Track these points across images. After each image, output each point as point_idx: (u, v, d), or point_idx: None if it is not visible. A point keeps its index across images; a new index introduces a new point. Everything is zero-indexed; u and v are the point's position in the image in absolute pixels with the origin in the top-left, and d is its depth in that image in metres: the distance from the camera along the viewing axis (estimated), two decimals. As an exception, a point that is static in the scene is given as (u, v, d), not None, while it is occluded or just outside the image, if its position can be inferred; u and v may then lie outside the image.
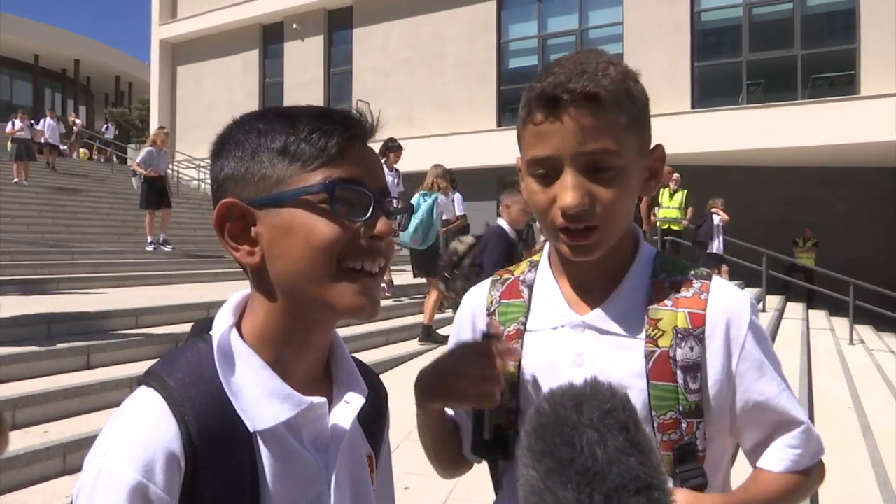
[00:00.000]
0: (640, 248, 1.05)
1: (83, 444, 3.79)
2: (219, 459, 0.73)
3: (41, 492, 3.47)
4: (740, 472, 1.06)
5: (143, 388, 0.76)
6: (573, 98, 0.90)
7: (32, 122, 17.46)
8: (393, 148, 7.79)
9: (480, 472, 1.20)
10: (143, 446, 0.70)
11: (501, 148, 15.78)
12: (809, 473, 1.01)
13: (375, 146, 0.85)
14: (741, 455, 1.08)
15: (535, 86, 0.95)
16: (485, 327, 1.11)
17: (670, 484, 0.86)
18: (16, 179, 14.67)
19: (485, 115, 17.78)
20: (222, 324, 0.81)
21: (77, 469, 3.65)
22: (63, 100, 40.60)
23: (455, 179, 8.18)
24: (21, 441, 3.71)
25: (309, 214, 0.76)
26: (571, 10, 17.44)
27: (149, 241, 11.03)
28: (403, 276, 9.01)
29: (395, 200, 0.84)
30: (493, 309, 1.11)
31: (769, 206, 14.76)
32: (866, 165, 14.36)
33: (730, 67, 15.60)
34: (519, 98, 1.00)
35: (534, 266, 1.12)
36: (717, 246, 11.67)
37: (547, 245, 1.11)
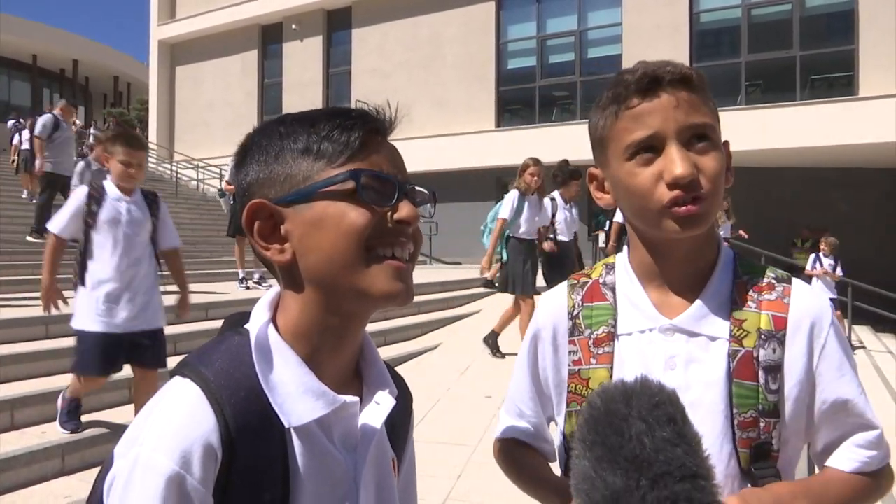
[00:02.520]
0: (722, 250, 1.07)
1: (81, 444, 3.79)
2: (254, 452, 0.73)
3: (39, 492, 3.46)
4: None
5: (178, 378, 0.76)
6: (673, 77, 0.96)
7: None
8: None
9: (479, 471, 1.20)
10: (181, 437, 0.70)
11: (500, 148, 15.82)
12: (878, 477, 1.02)
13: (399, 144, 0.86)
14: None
15: (626, 77, 0.98)
16: (567, 333, 1.10)
17: (718, 478, 0.88)
18: (25, 194, 12.96)
19: (484, 115, 17.78)
20: (259, 319, 0.82)
21: (75, 470, 3.68)
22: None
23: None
24: (19, 441, 3.71)
25: (337, 203, 0.78)
26: (570, 10, 17.45)
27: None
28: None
29: (418, 189, 0.85)
30: (576, 312, 1.10)
31: (767, 206, 14.77)
32: (865, 166, 14.37)
33: (729, 68, 15.61)
34: (518, 99, 1.01)
35: (610, 269, 1.12)
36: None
37: (624, 249, 1.12)
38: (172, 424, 0.71)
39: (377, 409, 0.85)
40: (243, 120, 22.38)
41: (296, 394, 0.77)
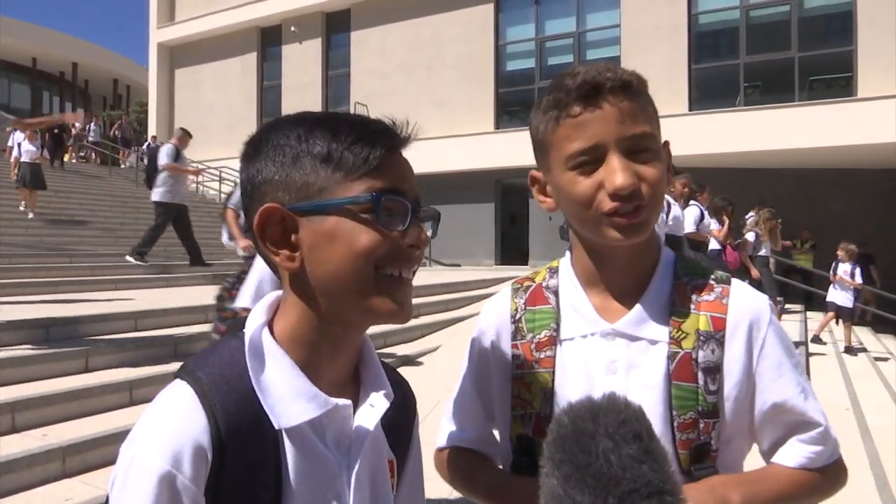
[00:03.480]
0: (662, 252, 1.07)
1: (82, 447, 3.79)
2: (245, 453, 0.76)
3: (41, 495, 3.46)
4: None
5: (177, 381, 0.79)
6: (613, 85, 0.95)
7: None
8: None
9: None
10: (172, 437, 0.73)
11: (500, 150, 15.82)
12: (824, 473, 1.01)
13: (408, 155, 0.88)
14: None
15: (567, 83, 0.97)
16: (510, 337, 1.09)
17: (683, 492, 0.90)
18: (22, 207, 12.34)
19: (483, 117, 17.78)
20: (255, 322, 0.84)
21: (76, 472, 3.68)
22: (61, 103, 40.56)
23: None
24: (20, 444, 3.71)
25: (352, 223, 0.78)
26: (569, 12, 17.47)
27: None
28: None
29: (426, 208, 0.86)
30: (518, 316, 1.10)
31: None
32: (864, 167, 14.38)
33: (727, 69, 15.63)
34: (517, 100, 1.02)
35: (554, 273, 1.12)
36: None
37: (567, 253, 1.12)
38: (165, 425, 0.75)
39: (371, 411, 0.86)
40: (242, 122, 22.37)
41: (287, 396, 0.79)
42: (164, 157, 9.57)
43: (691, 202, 7.07)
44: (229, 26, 22.29)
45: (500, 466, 1.13)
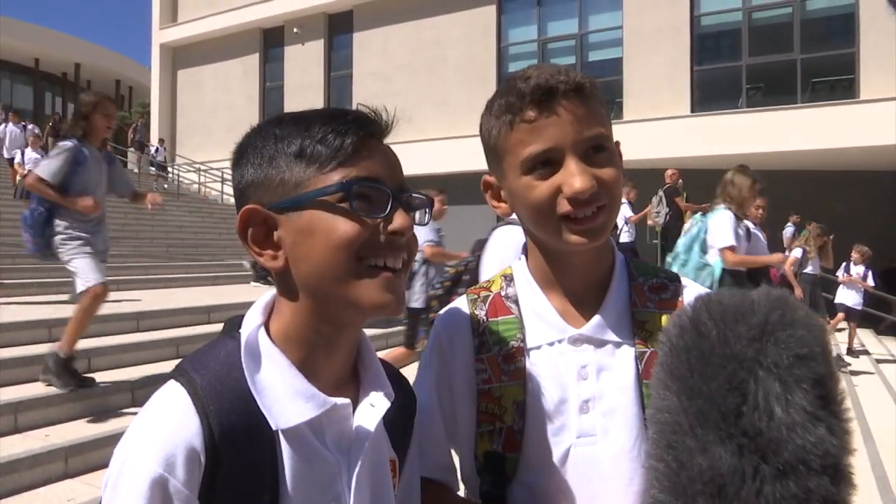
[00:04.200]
0: (616, 254, 1.07)
1: (84, 447, 3.80)
2: (240, 456, 0.75)
3: (43, 496, 3.47)
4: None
5: (171, 382, 0.78)
6: (567, 88, 0.93)
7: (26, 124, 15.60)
8: None
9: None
10: (165, 441, 0.72)
11: (501, 151, 15.79)
12: None
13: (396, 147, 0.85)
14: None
15: (520, 86, 0.95)
16: (474, 350, 1.04)
17: (637, 481, 0.90)
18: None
19: (485, 118, 17.72)
20: (251, 323, 0.83)
21: (78, 473, 3.69)
22: (63, 103, 40.58)
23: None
24: (22, 445, 3.72)
25: (328, 215, 0.78)
26: (571, 14, 17.46)
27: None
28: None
29: (414, 195, 0.85)
30: (482, 329, 1.06)
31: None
32: (866, 169, 14.36)
33: (729, 71, 15.61)
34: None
35: (510, 280, 1.10)
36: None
37: (522, 259, 1.10)
38: (157, 428, 0.73)
39: (372, 411, 0.85)
40: (244, 123, 22.10)
41: (284, 397, 0.78)
42: None
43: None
44: (232, 27, 22.30)
45: (462, 492, 1.08)
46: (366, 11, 19.96)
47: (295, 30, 21.28)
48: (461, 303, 1.11)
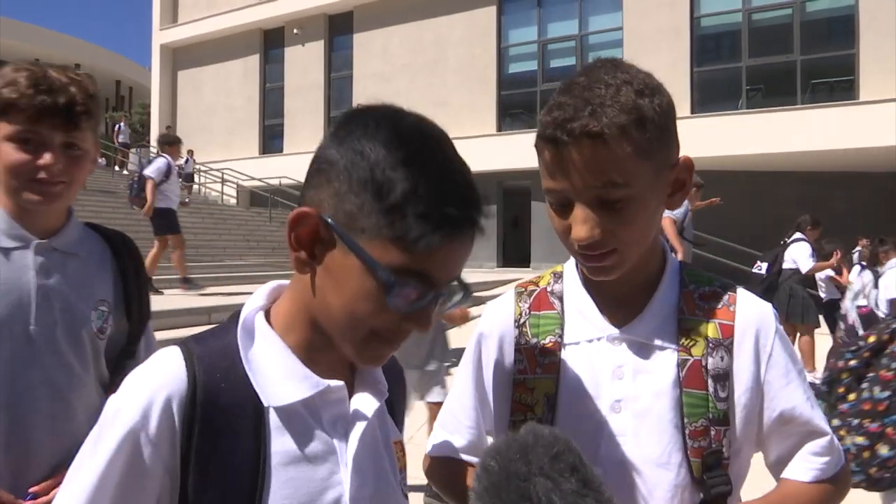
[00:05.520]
0: (668, 260, 1.07)
1: (83, 448, 3.79)
2: (223, 425, 0.77)
3: (41, 496, 3.46)
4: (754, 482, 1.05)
5: (171, 346, 0.82)
6: (573, 139, 0.89)
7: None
8: None
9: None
10: (149, 393, 0.76)
11: (502, 152, 15.81)
12: (835, 481, 1.01)
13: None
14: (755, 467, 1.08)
15: (545, 119, 0.93)
16: (514, 341, 1.08)
17: (667, 488, 0.92)
18: None
19: (485, 119, 17.80)
20: (252, 304, 0.86)
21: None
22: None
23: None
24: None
25: (365, 286, 0.75)
26: (571, 15, 17.48)
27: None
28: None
29: (453, 285, 0.82)
30: (523, 321, 1.09)
31: (768, 210, 14.76)
32: (866, 170, 14.37)
33: (729, 72, 15.63)
34: (519, 103, 1.01)
35: (558, 277, 1.11)
36: None
37: (571, 259, 1.11)
38: (146, 381, 0.78)
39: (369, 398, 0.87)
40: (244, 124, 22.42)
41: (278, 376, 0.81)
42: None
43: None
44: (232, 28, 22.33)
45: None
46: (366, 12, 19.98)
47: (295, 31, 21.30)
48: (508, 295, 1.15)
